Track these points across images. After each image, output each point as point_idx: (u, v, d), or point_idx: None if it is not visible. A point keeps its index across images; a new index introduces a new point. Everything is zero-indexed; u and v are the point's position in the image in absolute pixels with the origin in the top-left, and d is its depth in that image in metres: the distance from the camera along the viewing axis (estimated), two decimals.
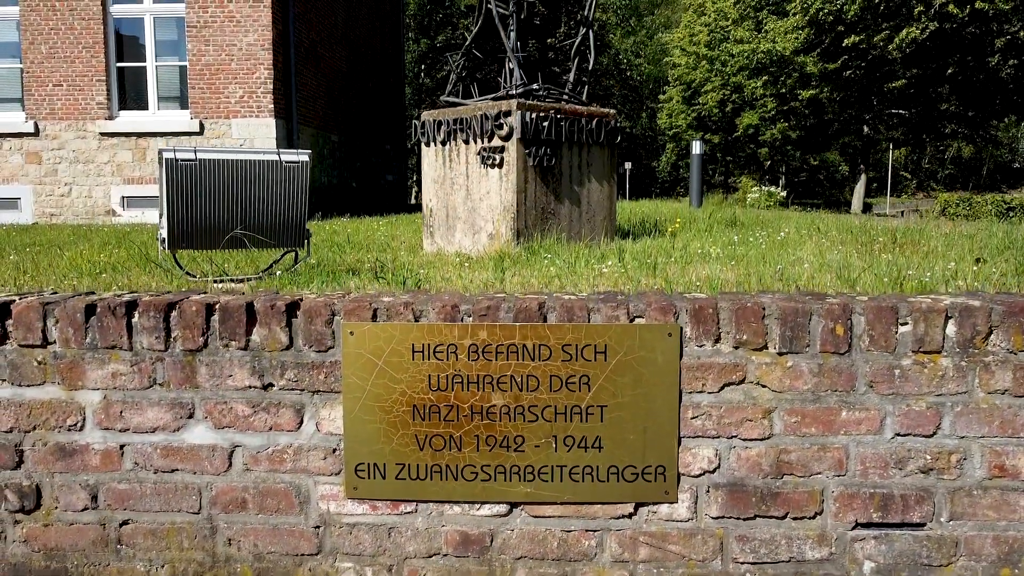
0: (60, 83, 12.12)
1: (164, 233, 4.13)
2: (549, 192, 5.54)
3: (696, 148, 12.57)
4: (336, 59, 15.12)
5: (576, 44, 5.97)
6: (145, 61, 12.28)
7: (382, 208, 16.30)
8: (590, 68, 6.00)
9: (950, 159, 35.01)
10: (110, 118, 12.18)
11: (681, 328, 2.26)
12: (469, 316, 2.28)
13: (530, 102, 5.46)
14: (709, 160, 28.79)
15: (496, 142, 5.40)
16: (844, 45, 14.04)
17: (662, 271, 4.08)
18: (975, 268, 4.01)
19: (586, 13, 5.97)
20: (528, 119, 5.31)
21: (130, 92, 12.48)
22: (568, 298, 2.35)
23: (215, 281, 4.23)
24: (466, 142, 5.63)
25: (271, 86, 12.02)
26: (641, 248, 5.12)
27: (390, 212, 14.76)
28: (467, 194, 5.68)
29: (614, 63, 33.98)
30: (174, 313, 2.30)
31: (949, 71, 14.92)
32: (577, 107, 5.71)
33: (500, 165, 5.40)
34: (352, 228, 8.51)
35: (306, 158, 4.28)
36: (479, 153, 5.51)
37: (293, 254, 4.53)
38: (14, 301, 2.34)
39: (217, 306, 2.30)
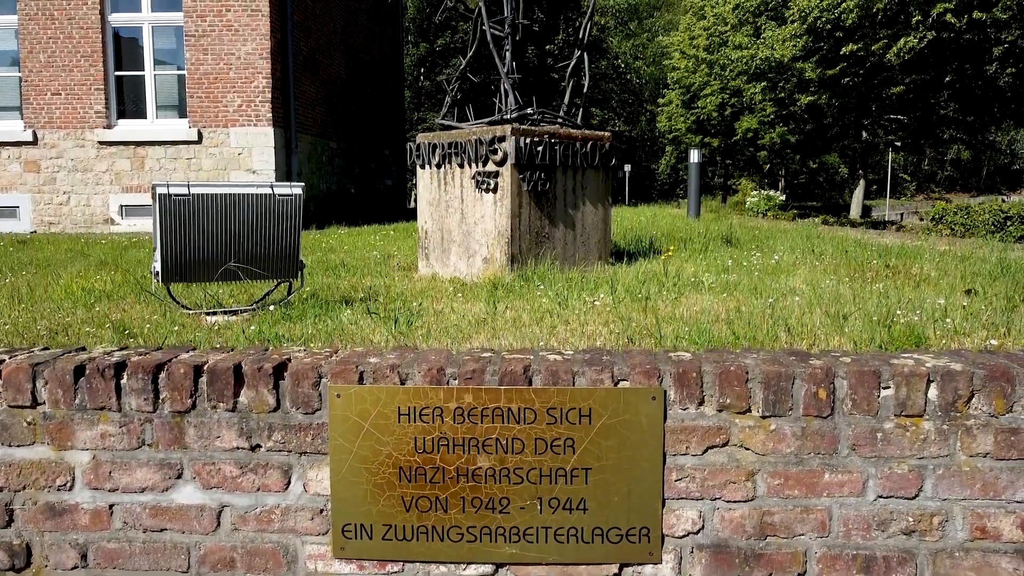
0: (59, 92, 12.13)
1: (158, 266, 4.16)
2: (544, 216, 5.56)
3: (694, 157, 12.57)
4: (335, 66, 15.12)
5: (571, 67, 5.98)
6: (143, 70, 12.29)
7: (380, 215, 16.33)
8: (585, 91, 6.01)
9: (950, 161, 35.03)
10: (108, 127, 12.20)
11: (665, 391, 2.27)
12: (455, 379, 2.29)
13: (524, 127, 5.48)
14: (708, 162, 28.79)
15: (491, 167, 5.41)
16: (842, 53, 14.04)
17: (653, 306, 4.10)
18: (965, 304, 4.03)
19: (581, 36, 5.99)
20: (522, 144, 5.32)
21: (128, 101, 12.50)
22: (553, 359, 2.37)
23: (208, 313, 4.26)
24: (461, 166, 5.65)
25: (269, 95, 12.03)
26: (634, 275, 5.13)
27: (388, 220, 14.78)
28: (462, 217, 5.69)
29: (613, 67, 33.97)
30: (162, 375, 2.32)
31: (947, 78, 14.91)
32: (572, 131, 5.73)
33: (495, 190, 5.42)
34: (348, 243, 8.52)
35: (299, 191, 4.30)
36: (474, 177, 5.53)
37: (287, 285, 4.55)
38: (3, 361, 2.36)
39: (205, 367, 2.31)
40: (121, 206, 12.23)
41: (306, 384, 2.30)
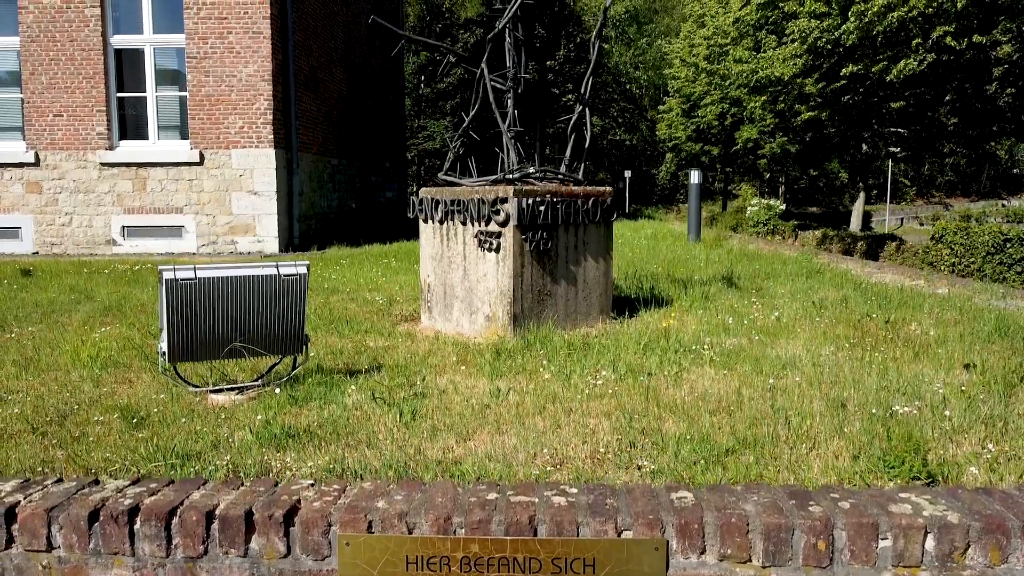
0: (60, 113, 12.14)
1: (164, 347, 4.20)
2: (545, 274, 5.60)
3: (694, 178, 12.60)
4: (336, 82, 15.11)
5: (572, 122, 6.01)
6: (145, 91, 12.29)
7: (381, 231, 16.34)
8: (587, 145, 6.04)
9: (950, 166, 35.11)
10: (110, 148, 12.21)
11: (667, 541, 2.32)
12: (461, 528, 2.34)
13: (527, 187, 5.50)
14: (708, 168, 28.80)
15: (493, 227, 5.45)
16: (842, 74, 14.08)
17: (654, 388, 4.15)
18: (963, 388, 4.07)
19: (583, 91, 6.01)
20: (525, 206, 5.35)
21: (130, 122, 12.50)
22: (558, 504, 2.41)
23: (213, 391, 4.30)
24: (464, 223, 5.68)
25: (271, 116, 12.04)
26: (636, 339, 5.17)
27: (389, 236, 14.78)
28: (464, 274, 5.73)
29: (613, 76, 33.96)
30: (175, 520, 2.36)
31: (948, 96, 14.95)
32: (573, 188, 5.76)
33: (497, 249, 5.45)
34: (350, 278, 8.54)
35: (303, 270, 4.33)
36: (476, 236, 5.56)
37: (292, 359, 4.59)
38: (19, 503, 2.41)
39: (217, 514, 2.36)
40: (123, 227, 12.26)
41: (316, 532, 2.34)
